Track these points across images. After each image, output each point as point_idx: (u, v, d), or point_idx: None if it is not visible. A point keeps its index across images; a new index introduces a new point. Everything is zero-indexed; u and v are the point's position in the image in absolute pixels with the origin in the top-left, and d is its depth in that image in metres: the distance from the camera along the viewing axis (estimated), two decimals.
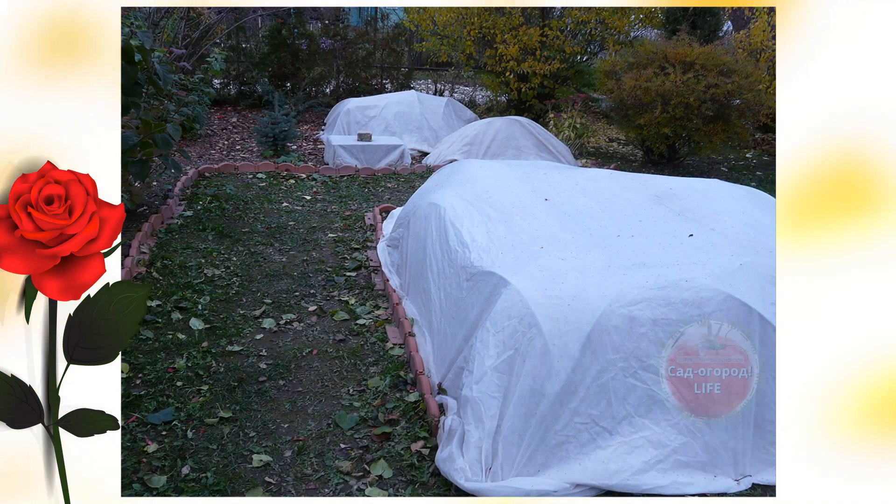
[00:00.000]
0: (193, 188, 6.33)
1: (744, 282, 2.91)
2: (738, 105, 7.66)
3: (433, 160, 7.88)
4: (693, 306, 2.77)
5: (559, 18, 10.18)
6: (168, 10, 8.97)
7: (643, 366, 2.70)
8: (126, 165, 4.68)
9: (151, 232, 4.99)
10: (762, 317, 2.79)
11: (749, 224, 3.54)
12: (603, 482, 2.53)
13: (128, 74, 4.36)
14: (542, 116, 9.82)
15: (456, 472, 2.50)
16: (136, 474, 2.55)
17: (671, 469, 2.59)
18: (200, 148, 8.18)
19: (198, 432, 2.82)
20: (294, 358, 3.45)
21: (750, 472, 2.67)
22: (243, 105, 10.69)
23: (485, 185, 4.06)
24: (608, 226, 3.50)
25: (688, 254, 3.14)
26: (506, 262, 3.09)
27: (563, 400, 2.63)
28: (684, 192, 3.98)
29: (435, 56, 11.43)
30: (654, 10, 10.34)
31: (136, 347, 3.44)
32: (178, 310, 3.87)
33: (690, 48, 7.74)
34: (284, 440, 2.80)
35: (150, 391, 3.08)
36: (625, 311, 2.75)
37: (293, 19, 10.67)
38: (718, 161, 8.96)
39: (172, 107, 5.55)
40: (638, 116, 7.74)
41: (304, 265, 4.68)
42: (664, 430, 2.65)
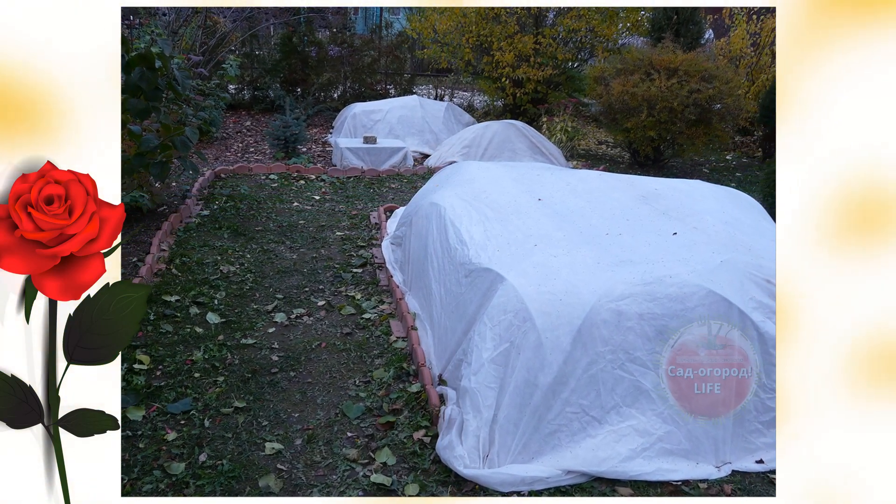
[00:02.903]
0: (210, 188, 6.30)
1: (724, 278, 2.89)
2: (718, 109, 7.61)
3: (434, 162, 7.84)
4: (677, 301, 2.76)
5: (552, 27, 10.12)
6: (186, 19, 8.93)
7: (630, 358, 2.68)
8: (147, 167, 4.66)
9: (171, 230, 4.97)
10: (742, 311, 2.77)
11: (729, 223, 3.52)
12: (592, 469, 2.52)
13: (149, 80, 4.32)
14: (536, 120, 9.77)
15: (455, 459, 2.49)
16: (157, 461, 2.53)
17: (656, 456, 2.58)
18: (216, 150, 8.15)
19: (214, 421, 2.81)
20: (304, 350, 3.43)
21: (730, 459, 2.65)
22: (256, 109, 10.64)
23: (482, 185, 4.04)
24: (597, 224, 3.48)
25: (672, 251, 3.12)
26: (502, 259, 3.07)
27: (555, 390, 2.61)
28: (669, 192, 3.96)
29: (435, 63, 11.37)
30: (640, 18, 10.27)
31: (157, 341, 3.42)
32: (196, 304, 3.85)
33: (674, 55, 7.69)
34: (295, 429, 2.79)
35: (170, 382, 3.07)
36: (613, 305, 2.73)
37: (303, 27, 10.61)
38: (700, 163, 8.92)
39: (190, 111, 5.52)
40: (625, 120, 7.69)
41: (313, 262, 4.65)
42: (650, 419, 2.64)
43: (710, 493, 2.51)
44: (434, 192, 4.22)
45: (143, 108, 4.36)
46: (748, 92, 9.35)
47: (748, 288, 2.89)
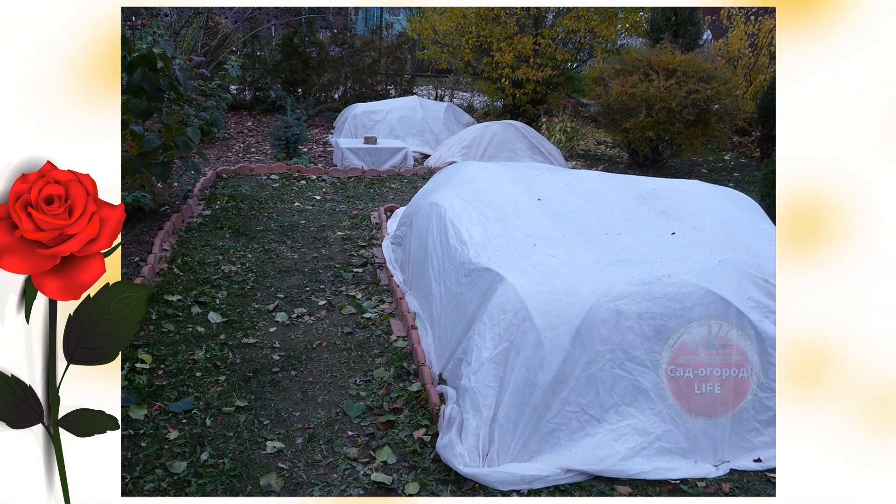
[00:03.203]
0: (212, 188, 6.29)
1: (722, 277, 2.88)
2: (717, 110, 7.59)
3: (434, 162, 7.82)
4: (675, 301, 2.75)
5: (551, 27, 10.10)
6: (188, 20, 8.91)
7: (629, 357, 2.67)
8: (149, 167, 4.64)
9: (173, 230, 4.95)
10: (739, 310, 2.76)
11: (727, 223, 3.51)
12: (591, 467, 2.50)
13: (151, 81, 4.31)
14: (535, 120, 9.75)
15: (455, 458, 2.48)
16: (159, 460, 2.52)
17: (655, 455, 2.57)
18: (218, 150, 8.13)
19: (216, 420, 2.80)
20: (305, 350, 3.42)
21: (728, 458, 2.64)
22: (258, 110, 10.62)
23: (482, 185, 4.02)
24: (596, 224, 3.46)
25: (670, 251, 3.11)
26: (501, 259, 3.06)
27: (554, 389, 2.60)
28: (667, 192, 3.95)
29: (435, 63, 11.35)
30: (639, 19, 10.25)
31: (159, 340, 3.41)
32: (198, 304, 3.84)
33: (673, 56, 7.67)
34: (296, 428, 2.78)
35: (172, 381, 3.06)
36: (612, 305, 2.72)
37: (304, 28, 10.60)
38: (699, 163, 8.90)
39: (192, 111, 5.50)
40: (624, 120, 7.68)
41: (314, 262, 4.64)
42: (648, 418, 2.62)
43: (708, 492, 2.50)
44: (434, 192, 4.20)
45: (145, 108, 4.34)
46: (746, 92, 9.34)
47: (746, 287, 2.88)
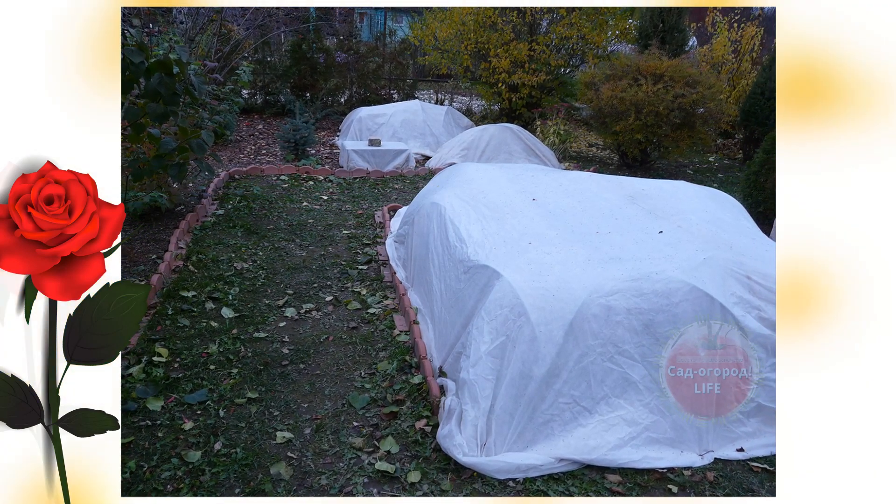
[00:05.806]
0: (224, 189, 6.27)
1: (707, 274, 2.87)
2: (702, 113, 7.56)
3: (435, 163, 7.80)
4: (662, 297, 2.74)
5: (545, 34, 10.05)
6: (202, 27, 8.86)
7: (619, 350, 2.66)
8: (165, 168, 4.62)
9: (188, 229, 4.94)
10: (723, 306, 2.75)
11: (711, 221, 3.50)
12: (584, 457, 2.50)
13: (167, 85, 4.28)
14: (531, 124, 9.72)
15: (454, 447, 2.48)
16: (175, 450, 2.52)
17: (643, 445, 2.56)
18: (230, 152, 8.10)
19: (228, 411, 2.79)
20: (313, 344, 3.41)
21: (712, 447, 2.64)
22: (268, 113, 10.57)
23: (480, 186, 4.01)
24: (588, 223, 3.45)
25: (658, 248, 3.10)
26: (498, 257, 3.05)
27: (548, 382, 2.59)
28: (655, 192, 3.93)
29: (436, 68, 11.30)
30: (628, 26, 10.21)
31: (175, 334, 3.40)
32: (212, 300, 3.83)
33: (660, 61, 7.64)
34: (304, 418, 2.77)
35: (187, 374, 3.05)
36: (603, 300, 2.71)
37: (312, 35, 10.55)
38: (685, 164, 8.87)
39: (206, 115, 5.48)
40: (614, 124, 7.65)
41: (321, 259, 4.63)
42: (637, 409, 2.62)
43: (693, 480, 2.49)
44: (435, 192, 4.19)
45: (161, 112, 4.32)
46: (729, 97, 9.30)
47: (729, 284, 2.87)
